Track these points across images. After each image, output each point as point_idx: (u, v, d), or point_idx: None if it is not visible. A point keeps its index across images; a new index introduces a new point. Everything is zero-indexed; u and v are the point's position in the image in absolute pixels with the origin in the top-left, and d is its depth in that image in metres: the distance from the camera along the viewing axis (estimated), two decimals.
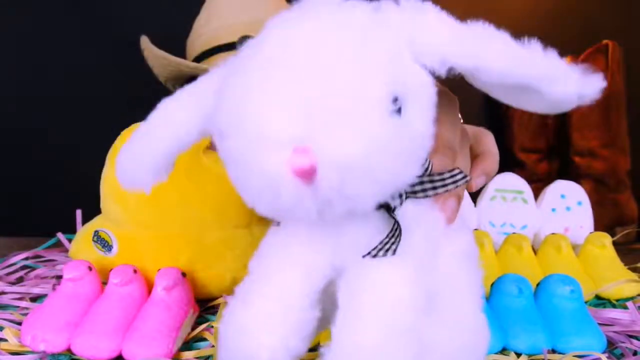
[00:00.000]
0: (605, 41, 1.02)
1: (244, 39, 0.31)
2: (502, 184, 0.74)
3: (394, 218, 0.30)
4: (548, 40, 0.28)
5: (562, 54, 0.28)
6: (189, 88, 0.33)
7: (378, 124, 0.25)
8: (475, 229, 0.70)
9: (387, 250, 0.29)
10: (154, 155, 0.32)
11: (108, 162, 0.57)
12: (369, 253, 0.29)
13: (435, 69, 0.28)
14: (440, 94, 0.29)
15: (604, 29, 1.10)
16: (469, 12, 0.31)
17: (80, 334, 0.45)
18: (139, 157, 0.33)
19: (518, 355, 0.47)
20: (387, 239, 0.29)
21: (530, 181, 0.75)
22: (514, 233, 0.69)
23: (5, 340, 0.47)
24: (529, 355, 0.47)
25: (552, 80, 0.27)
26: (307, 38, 0.27)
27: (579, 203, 0.75)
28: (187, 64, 0.73)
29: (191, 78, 0.35)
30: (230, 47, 0.73)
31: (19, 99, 0.98)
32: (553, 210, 0.75)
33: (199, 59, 0.76)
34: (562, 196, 0.75)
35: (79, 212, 0.67)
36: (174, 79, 0.78)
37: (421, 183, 0.31)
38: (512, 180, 0.74)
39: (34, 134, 0.97)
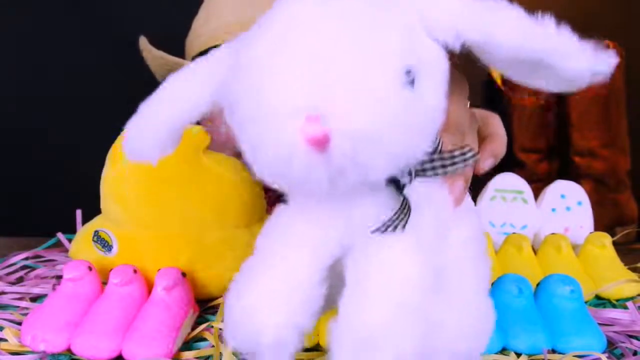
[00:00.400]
0: (605, 41, 1.02)
1: None
2: (502, 184, 0.74)
3: (403, 195, 0.29)
4: None
5: None
6: (199, 62, 0.33)
7: (391, 94, 0.25)
8: None
9: (396, 226, 0.29)
10: (163, 128, 0.32)
11: (108, 162, 0.57)
12: (377, 229, 0.29)
13: (448, 43, 0.28)
14: (451, 75, 0.29)
15: (604, 28, 1.10)
16: None
17: (80, 334, 0.45)
18: (146, 130, 0.33)
19: (518, 355, 0.47)
20: (395, 215, 0.29)
21: (530, 181, 0.75)
22: (514, 233, 0.69)
23: (5, 340, 0.47)
24: (529, 355, 0.47)
25: (565, 56, 0.27)
26: (320, 10, 0.27)
27: (579, 203, 0.75)
28: (186, 65, 0.73)
29: None
30: None
31: (19, 99, 0.98)
32: (553, 210, 0.75)
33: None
34: (562, 196, 0.75)
35: (79, 212, 0.67)
36: None
37: (431, 161, 0.31)
38: (512, 180, 0.74)
39: (34, 134, 0.97)
